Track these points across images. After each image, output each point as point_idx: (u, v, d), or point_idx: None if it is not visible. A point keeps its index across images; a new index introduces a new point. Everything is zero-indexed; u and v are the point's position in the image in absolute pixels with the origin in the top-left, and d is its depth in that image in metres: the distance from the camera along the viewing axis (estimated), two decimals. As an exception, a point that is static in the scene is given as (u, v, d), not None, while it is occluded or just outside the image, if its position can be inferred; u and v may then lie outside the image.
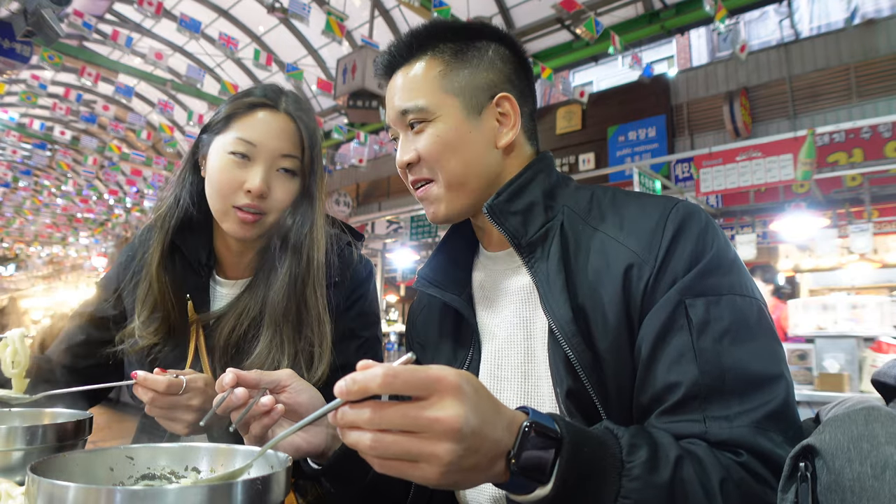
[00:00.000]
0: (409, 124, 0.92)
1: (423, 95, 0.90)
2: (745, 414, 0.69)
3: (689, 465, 0.64)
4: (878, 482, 0.50)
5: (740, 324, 0.75)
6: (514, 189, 0.90)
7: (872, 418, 0.56)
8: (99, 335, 1.29)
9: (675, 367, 0.73)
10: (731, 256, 0.81)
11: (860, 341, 4.52)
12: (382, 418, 0.54)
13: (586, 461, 0.60)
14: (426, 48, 0.93)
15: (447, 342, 1.01)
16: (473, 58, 0.93)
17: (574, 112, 10.15)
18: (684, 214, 0.82)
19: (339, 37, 6.57)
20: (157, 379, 0.92)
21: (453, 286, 0.99)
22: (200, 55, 11.77)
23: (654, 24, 8.52)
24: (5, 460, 0.85)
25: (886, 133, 7.27)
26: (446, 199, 0.92)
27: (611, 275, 0.81)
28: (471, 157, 0.91)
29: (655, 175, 6.28)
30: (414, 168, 0.93)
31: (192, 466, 0.75)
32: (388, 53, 0.96)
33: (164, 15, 7.28)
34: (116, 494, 0.54)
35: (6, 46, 5.14)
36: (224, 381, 0.81)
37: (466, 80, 0.91)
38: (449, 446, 0.53)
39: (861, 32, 7.83)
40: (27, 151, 13.32)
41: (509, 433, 0.58)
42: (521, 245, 0.88)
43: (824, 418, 0.66)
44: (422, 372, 0.54)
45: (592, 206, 0.90)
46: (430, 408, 0.54)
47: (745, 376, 0.72)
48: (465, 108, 0.91)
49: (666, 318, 0.76)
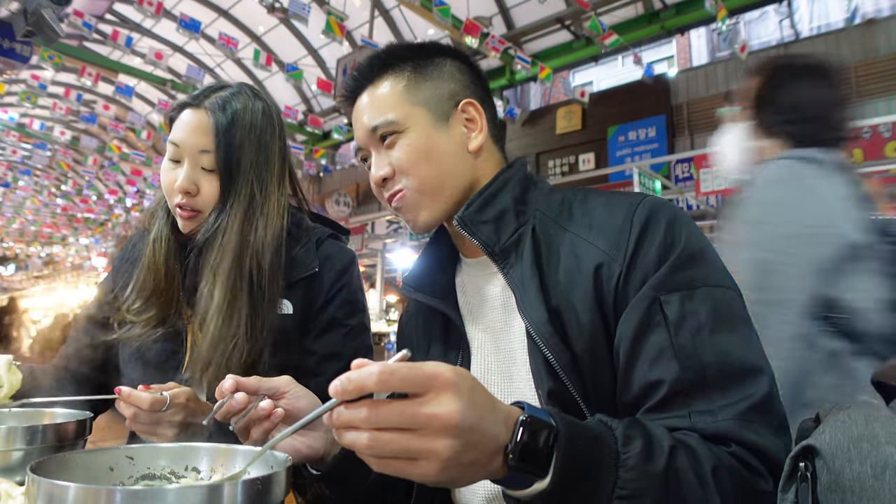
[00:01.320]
0: (380, 139, 0.94)
1: (392, 109, 0.93)
2: (728, 407, 0.70)
3: (683, 454, 0.65)
4: (878, 482, 0.50)
5: (717, 316, 0.75)
6: (484, 198, 0.92)
7: (872, 418, 0.56)
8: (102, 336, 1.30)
9: (656, 364, 0.74)
10: (702, 247, 0.81)
11: (860, 341, 4.51)
12: (379, 416, 0.54)
13: (582, 453, 0.61)
14: (387, 67, 0.96)
15: (437, 346, 1.01)
16: (434, 72, 0.96)
17: (574, 112, 10.15)
18: (650, 209, 0.83)
19: (339, 37, 6.56)
20: (141, 396, 0.92)
21: (438, 291, 1.00)
22: (200, 55, 11.77)
23: (654, 24, 8.52)
24: (5, 460, 0.85)
25: (886, 133, 7.27)
26: (424, 205, 0.93)
27: (582, 275, 0.82)
28: (444, 163, 0.93)
29: (655, 175, 6.28)
30: (389, 182, 0.95)
31: (192, 466, 0.75)
32: (352, 79, 0.99)
33: (164, 15, 7.28)
34: (116, 494, 0.54)
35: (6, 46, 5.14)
36: (224, 386, 0.81)
37: (430, 91, 0.95)
38: (447, 442, 0.53)
39: (861, 32, 7.83)
40: (27, 151, 13.32)
41: (506, 428, 0.58)
42: (494, 252, 0.89)
43: (824, 418, 0.66)
44: (418, 369, 0.54)
45: (563, 208, 0.92)
46: (427, 404, 0.53)
47: (725, 369, 0.72)
48: (432, 116, 0.94)
49: (642, 317, 0.76)
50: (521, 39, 9.74)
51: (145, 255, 1.22)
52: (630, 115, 9.39)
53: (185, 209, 1.15)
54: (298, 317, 1.20)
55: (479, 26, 6.66)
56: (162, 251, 1.21)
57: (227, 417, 0.82)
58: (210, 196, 1.16)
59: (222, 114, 1.15)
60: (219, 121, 1.15)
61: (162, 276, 1.20)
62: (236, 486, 0.58)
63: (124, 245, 1.39)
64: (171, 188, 1.16)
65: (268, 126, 1.21)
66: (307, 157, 11.85)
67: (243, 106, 1.18)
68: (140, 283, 1.21)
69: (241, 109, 1.17)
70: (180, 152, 1.15)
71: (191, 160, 1.15)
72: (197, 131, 1.15)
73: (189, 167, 1.15)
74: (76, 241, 21.31)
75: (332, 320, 1.23)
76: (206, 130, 1.15)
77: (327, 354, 1.20)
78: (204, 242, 1.15)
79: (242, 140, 1.16)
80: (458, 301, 1.00)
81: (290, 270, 1.20)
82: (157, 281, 1.20)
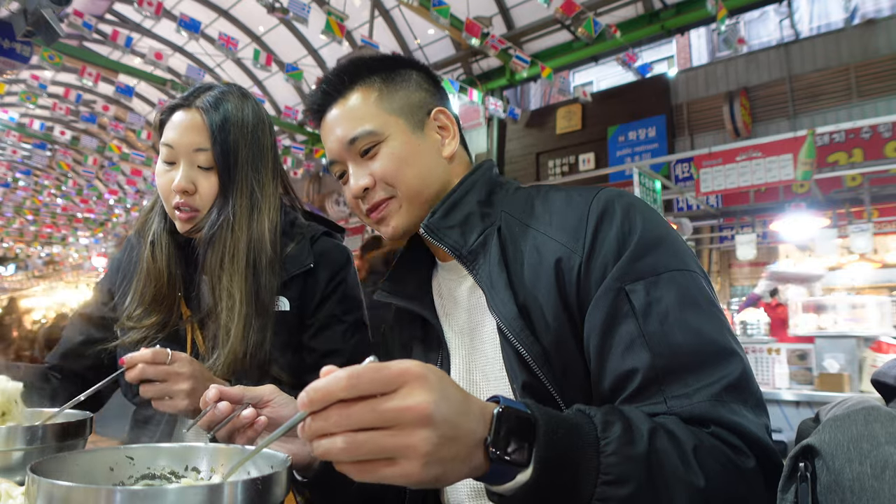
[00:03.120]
0: (359, 152, 0.94)
1: (368, 120, 0.93)
2: (702, 389, 0.70)
3: (663, 435, 0.65)
4: (877, 482, 0.50)
5: (682, 300, 0.75)
6: (448, 205, 0.93)
7: (872, 418, 0.56)
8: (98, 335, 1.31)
9: (628, 354, 0.74)
10: (661, 233, 0.81)
11: (860, 341, 4.52)
12: (350, 417, 0.52)
13: (563, 442, 0.60)
14: (356, 80, 0.96)
15: (418, 349, 1.02)
16: (402, 82, 0.98)
17: (574, 112, 10.15)
18: (606, 199, 0.84)
19: (339, 37, 6.56)
20: (143, 351, 0.95)
21: (415, 294, 1.01)
22: (200, 55, 11.77)
23: (654, 24, 8.51)
24: (5, 460, 0.85)
25: (886, 133, 7.27)
26: (405, 212, 0.94)
27: (544, 269, 0.84)
28: (424, 169, 0.94)
29: (655, 175, 6.28)
30: (370, 193, 0.95)
31: (192, 466, 0.75)
32: (319, 92, 0.99)
33: (164, 15, 7.27)
34: (116, 494, 0.54)
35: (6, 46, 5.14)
36: (207, 396, 0.83)
37: (403, 100, 0.96)
38: (423, 434, 0.52)
39: (861, 32, 7.83)
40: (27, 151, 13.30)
41: (483, 421, 0.58)
42: (462, 256, 0.91)
43: (824, 418, 0.66)
44: (385, 368, 0.53)
45: (527, 206, 0.93)
46: (398, 397, 0.53)
47: (696, 351, 0.73)
48: (408, 125, 0.95)
49: (609, 308, 0.77)
50: (521, 39, 9.74)
51: (143, 261, 1.23)
52: (630, 115, 9.39)
53: (183, 209, 1.16)
54: (295, 313, 1.21)
55: (479, 26, 6.66)
56: (162, 256, 1.22)
57: (210, 426, 0.83)
58: (208, 194, 1.17)
59: (215, 112, 1.16)
60: (212, 119, 1.16)
61: (164, 282, 1.21)
62: (236, 486, 0.58)
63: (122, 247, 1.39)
64: (167, 189, 1.16)
65: (259, 123, 1.22)
66: (307, 157, 11.84)
67: (234, 104, 1.20)
68: (140, 290, 1.22)
69: (232, 107, 1.19)
70: (175, 153, 1.16)
71: (187, 159, 1.16)
72: (190, 130, 1.16)
73: (185, 166, 1.16)
74: (76, 241, 21.30)
75: (330, 317, 1.23)
76: (200, 129, 1.16)
77: (327, 351, 1.21)
78: (210, 239, 1.16)
79: (237, 136, 1.17)
80: (434, 304, 1.02)
81: (286, 268, 1.20)
82: (158, 287, 1.21)
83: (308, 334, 1.23)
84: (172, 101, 1.22)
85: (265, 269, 1.17)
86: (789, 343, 4.89)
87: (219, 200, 1.17)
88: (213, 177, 1.17)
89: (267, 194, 1.21)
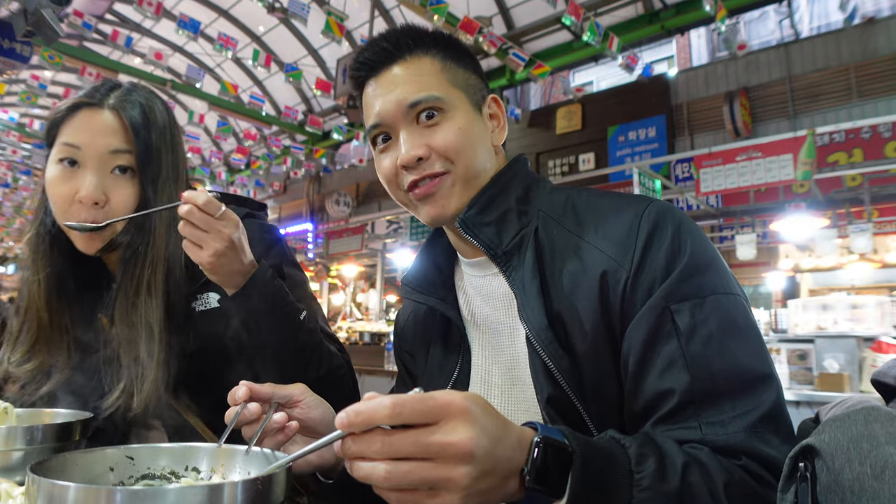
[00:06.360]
0: (417, 117, 0.88)
1: (435, 87, 0.88)
2: (739, 418, 0.70)
3: (696, 470, 0.65)
4: (877, 482, 0.50)
5: (727, 324, 0.75)
6: (486, 199, 0.89)
7: (872, 418, 0.56)
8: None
9: (667, 374, 0.73)
10: (709, 254, 0.80)
11: (860, 341, 4.52)
12: (393, 446, 0.52)
13: (597, 473, 0.60)
14: (419, 47, 0.91)
15: (437, 347, 1.00)
16: (461, 61, 0.93)
17: (574, 112, 10.14)
18: (657, 215, 0.82)
19: (339, 37, 6.56)
20: (197, 193, 0.91)
21: (438, 291, 0.98)
22: (200, 55, 11.77)
23: (654, 24, 8.51)
24: (5, 460, 0.85)
25: (886, 133, 7.26)
26: (458, 194, 0.88)
27: (587, 280, 0.81)
28: (482, 151, 0.91)
29: (655, 175, 6.28)
30: (422, 164, 0.87)
31: (192, 466, 0.75)
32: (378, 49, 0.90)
33: (164, 15, 7.28)
34: (116, 494, 0.54)
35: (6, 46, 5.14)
36: (237, 394, 0.79)
37: (464, 78, 0.92)
38: (465, 469, 0.53)
39: (861, 32, 7.83)
40: (27, 151, 13.30)
41: (520, 450, 0.58)
42: (496, 255, 0.87)
43: (824, 418, 0.66)
44: (430, 399, 0.53)
45: (567, 209, 0.89)
46: (440, 432, 0.53)
47: (735, 378, 0.72)
48: (471, 103, 0.91)
49: (653, 325, 0.76)
50: (521, 39, 9.73)
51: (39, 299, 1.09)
52: (630, 115, 9.38)
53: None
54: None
55: (476, 24, 6.66)
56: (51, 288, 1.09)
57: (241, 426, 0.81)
58: (122, 204, 1.03)
59: (133, 111, 1.05)
60: (133, 118, 1.04)
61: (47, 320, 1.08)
62: (236, 486, 0.58)
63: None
64: (68, 200, 1.02)
65: (173, 123, 1.12)
66: (307, 157, 11.84)
67: (147, 103, 1.09)
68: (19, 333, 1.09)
69: (147, 106, 1.08)
70: (81, 156, 1.02)
71: (97, 164, 1.02)
72: (104, 132, 1.03)
73: (96, 173, 1.02)
74: (76, 241, 21.33)
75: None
76: (116, 130, 1.04)
77: None
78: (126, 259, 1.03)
79: (158, 138, 1.07)
80: (458, 302, 0.99)
81: None
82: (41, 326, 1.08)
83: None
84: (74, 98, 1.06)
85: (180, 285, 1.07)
86: (789, 343, 4.89)
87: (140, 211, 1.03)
88: (130, 185, 1.04)
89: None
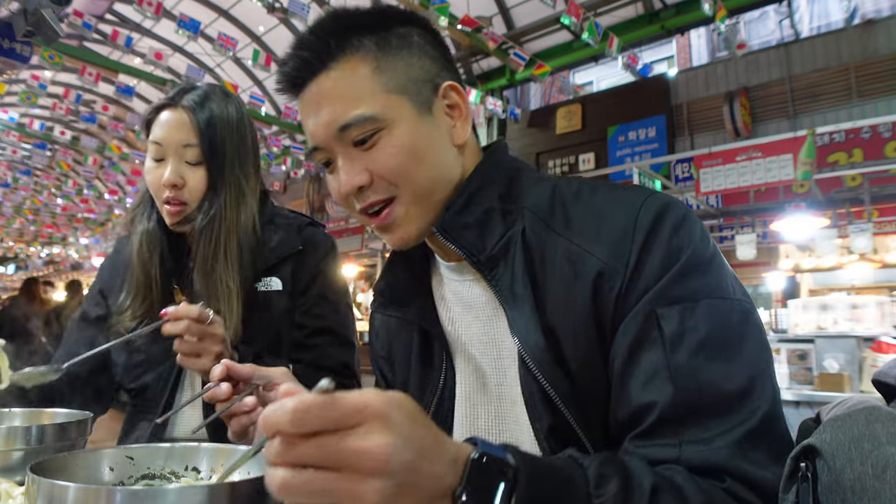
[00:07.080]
0: (353, 142, 0.76)
1: (365, 101, 0.74)
2: (723, 435, 0.63)
3: (667, 494, 0.58)
4: (879, 482, 0.50)
5: (719, 333, 0.67)
6: (465, 198, 0.79)
7: (873, 418, 0.56)
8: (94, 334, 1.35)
9: (649, 386, 0.66)
10: (709, 255, 0.72)
11: (860, 341, 4.52)
12: (295, 451, 0.44)
13: (548, 496, 0.53)
14: (345, 45, 0.76)
15: (417, 362, 0.91)
16: (401, 47, 0.78)
17: (574, 112, 10.14)
18: (655, 213, 0.73)
19: (339, 37, 6.55)
20: (190, 307, 1.00)
21: (414, 301, 0.89)
22: (200, 55, 11.76)
23: (653, 24, 8.52)
24: (5, 460, 0.85)
25: (886, 133, 7.26)
26: (416, 217, 0.79)
27: (579, 288, 0.73)
28: (435, 164, 0.78)
29: (655, 175, 6.29)
30: (366, 191, 0.77)
31: (192, 466, 0.75)
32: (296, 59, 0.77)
33: (164, 15, 7.27)
34: (116, 494, 0.54)
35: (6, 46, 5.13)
36: (214, 372, 0.82)
37: (404, 73, 0.77)
38: (376, 483, 0.44)
39: (861, 32, 7.83)
40: (27, 151, 13.29)
41: (454, 467, 0.49)
42: (480, 262, 0.78)
43: (825, 418, 0.66)
44: (340, 402, 0.45)
45: (555, 205, 0.79)
46: (352, 436, 0.44)
47: (724, 392, 0.65)
48: (414, 106, 0.77)
49: (637, 332, 0.69)
50: (521, 39, 9.73)
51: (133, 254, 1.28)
52: (630, 115, 9.38)
53: (172, 203, 1.21)
54: (288, 292, 1.29)
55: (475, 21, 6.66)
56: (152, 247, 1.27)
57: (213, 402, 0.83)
58: (196, 187, 1.23)
59: (200, 109, 1.23)
60: (198, 116, 1.22)
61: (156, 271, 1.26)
62: (237, 487, 0.58)
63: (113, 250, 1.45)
64: (157, 185, 1.22)
65: (242, 120, 1.29)
66: (307, 157, 11.83)
67: (218, 102, 1.26)
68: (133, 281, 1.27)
69: (216, 105, 1.26)
70: (163, 150, 1.22)
71: (175, 155, 1.22)
72: (178, 128, 1.22)
73: (174, 162, 1.21)
74: (76, 241, 21.30)
75: (318, 296, 1.32)
76: (186, 126, 1.22)
77: (316, 329, 1.30)
78: (201, 231, 1.22)
79: (223, 132, 1.24)
80: (437, 312, 0.89)
81: (276, 250, 1.29)
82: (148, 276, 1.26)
83: (299, 312, 1.31)
84: (159, 101, 1.28)
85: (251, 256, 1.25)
86: (789, 343, 4.89)
87: (208, 194, 1.23)
88: (200, 171, 1.23)
89: (251, 187, 1.28)
